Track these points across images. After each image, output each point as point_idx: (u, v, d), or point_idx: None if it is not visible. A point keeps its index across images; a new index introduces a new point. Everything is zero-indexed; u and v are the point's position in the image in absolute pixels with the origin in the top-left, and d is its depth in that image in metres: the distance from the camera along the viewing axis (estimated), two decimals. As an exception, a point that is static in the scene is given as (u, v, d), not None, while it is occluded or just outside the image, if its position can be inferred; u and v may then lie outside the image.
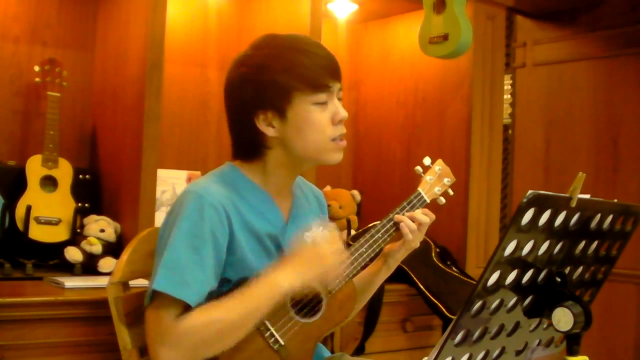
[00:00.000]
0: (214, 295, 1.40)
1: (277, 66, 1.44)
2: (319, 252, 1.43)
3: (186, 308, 1.35)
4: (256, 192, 1.52)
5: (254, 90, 1.46)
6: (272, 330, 1.44)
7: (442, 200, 1.71)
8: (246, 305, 1.37)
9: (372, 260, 1.64)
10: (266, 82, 1.44)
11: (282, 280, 1.39)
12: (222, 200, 1.42)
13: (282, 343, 1.44)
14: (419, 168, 1.70)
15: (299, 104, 1.45)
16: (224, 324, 1.36)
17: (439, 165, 1.71)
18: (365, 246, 1.57)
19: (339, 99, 1.51)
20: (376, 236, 1.59)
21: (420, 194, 1.67)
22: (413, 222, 1.61)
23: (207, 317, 1.35)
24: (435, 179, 1.69)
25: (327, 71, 1.46)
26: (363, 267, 1.64)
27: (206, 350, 1.36)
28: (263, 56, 1.46)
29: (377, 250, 1.59)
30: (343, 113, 1.48)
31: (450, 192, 1.73)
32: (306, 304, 1.50)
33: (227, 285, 1.44)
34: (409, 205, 1.64)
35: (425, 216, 1.62)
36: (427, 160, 1.70)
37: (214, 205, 1.40)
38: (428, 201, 1.67)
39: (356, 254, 1.55)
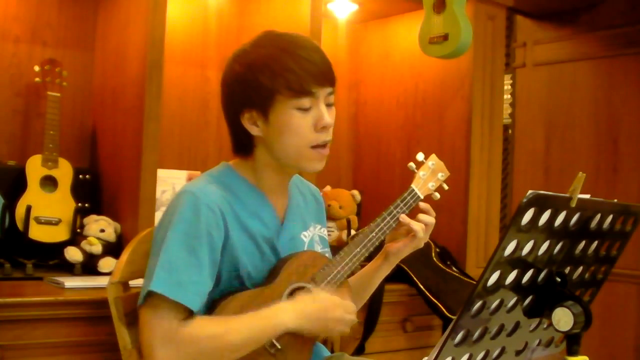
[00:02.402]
0: (209, 296, 1.40)
1: (263, 67, 1.44)
2: (331, 306, 1.45)
3: (186, 310, 1.35)
4: (251, 191, 1.52)
5: (241, 89, 1.47)
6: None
7: (437, 195, 1.68)
8: (251, 332, 1.38)
9: (368, 259, 1.63)
10: (252, 82, 1.45)
11: (288, 320, 1.40)
12: (217, 201, 1.43)
13: (279, 347, 1.44)
14: (412, 164, 1.66)
15: (281, 107, 1.44)
16: (226, 344, 1.37)
17: (433, 160, 1.68)
18: (360, 245, 1.56)
19: (329, 105, 1.48)
20: (370, 235, 1.58)
21: (413, 190, 1.64)
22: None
23: (211, 331, 1.36)
24: (428, 175, 1.66)
25: (313, 76, 1.43)
26: (361, 266, 1.64)
27: None
28: (255, 55, 1.46)
29: (371, 249, 1.58)
30: (327, 120, 1.46)
31: (445, 186, 1.69)
32: None
33: (220, 285, 1.44)
34: (403, 203, 1.61)
35: (428, 217, 1.62)
36: (420, 156, 1.66)
37: (210, 205, 1.41)
38: (422, 197, 1.64)
39: (351, 254, 1.55)
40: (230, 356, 1.38)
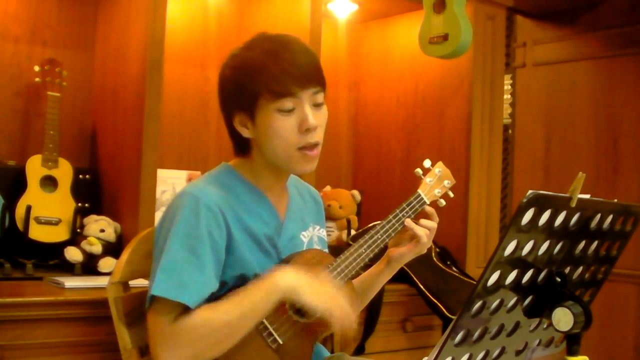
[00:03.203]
0: (213, 298, 1.39)
1: (247, 71, 1.45)
2: (335, 290, 1.41)
3: (184, 310, 1.35)
4: (251, 191, 1.52)
5: (230, 92, 1.49)
6: (271, 329, 1.44)
7: (442, 202, 1.71)
8: (243, 307, 1.36)
9: (372, 261, 1.64)
10: (238, 86, 1.46)
11: (280, 281, 1.37)
12: (217, 201, 1.43)
13: (281, 342, 1.44)
14: (419, 170, 1.70)
15: (264, 110, 1.44)
16: (220, 327, 1.35)
17: (439, 167, 1.72)
18: (365, 247, 1.57)
19: (317, 105, 1.47)
20: (375, 237, 1.59)
21: (420, 195, 1.67)
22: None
23: (202, 319, 1.34)
24: (435, 181, 1.69)
25: (293, 78, 1.42)
26: (364, 268, 1.64)
27: (203, 352, 1.35)
28: (242, 59, 1.47)
29: (376, 250, 1.59)
30: (311, 121, 1.44)
31: (451, 194, 1.73)
32: None
33: (225, 288, 1.43)
34: (409, 207, 1.64)
35: (431, 222, 1.63)
36: (427, 163, 1.70)
37: (210, 206, 1.41)
38: (428, 202, 1.67)
39: (355, 254, 1.55)
40: (228, 339, 1.35)
